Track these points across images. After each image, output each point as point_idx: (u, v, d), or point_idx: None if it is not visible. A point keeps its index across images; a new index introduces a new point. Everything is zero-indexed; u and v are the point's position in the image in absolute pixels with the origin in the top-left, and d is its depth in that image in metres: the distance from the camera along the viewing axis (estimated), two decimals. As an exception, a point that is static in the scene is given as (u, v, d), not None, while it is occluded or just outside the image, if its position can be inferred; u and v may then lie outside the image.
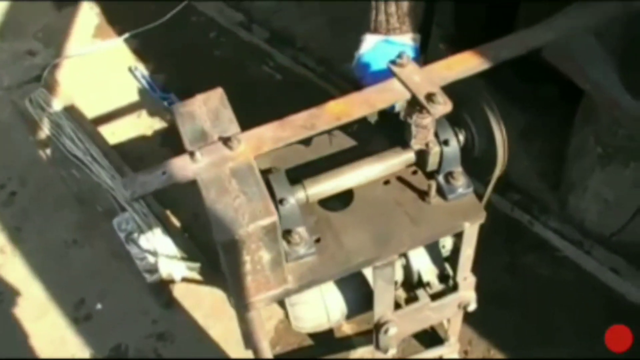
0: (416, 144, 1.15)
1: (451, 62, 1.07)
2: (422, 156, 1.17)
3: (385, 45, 1.18)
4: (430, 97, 1.01)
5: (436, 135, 1.14)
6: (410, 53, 1.18)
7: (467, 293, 1.37)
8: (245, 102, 2.13)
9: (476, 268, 1.29)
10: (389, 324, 1.30)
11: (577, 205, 1.84)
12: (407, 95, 1.03)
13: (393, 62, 1.06)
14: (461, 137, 1.17)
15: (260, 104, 2.15)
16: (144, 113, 2.26)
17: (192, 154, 0.96)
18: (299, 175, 1.15)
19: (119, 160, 2.03)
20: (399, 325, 1.32)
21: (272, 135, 0.99)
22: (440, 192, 1.17)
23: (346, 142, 1.25)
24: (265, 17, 2.49)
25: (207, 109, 1.05)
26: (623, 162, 1.60)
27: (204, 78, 2.24)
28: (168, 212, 1.93)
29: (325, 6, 2.45)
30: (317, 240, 1.13)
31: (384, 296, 1.25)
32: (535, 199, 1.92)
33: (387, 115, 1.23)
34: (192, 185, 0.97)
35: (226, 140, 0.98)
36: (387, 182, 1.21)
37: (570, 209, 1.87)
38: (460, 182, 1.17)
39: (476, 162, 1.22)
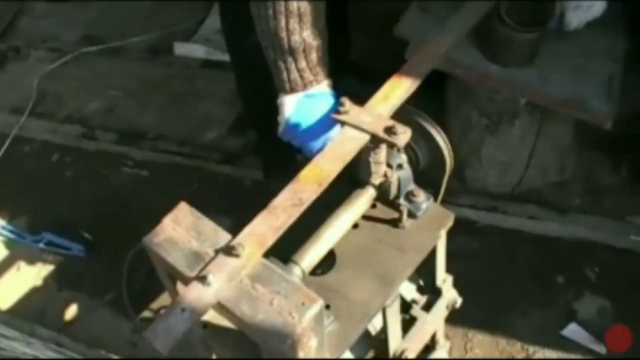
0: (376, 179, 1.17)
1: (385, 92, 1.10)
2: (382, 188, 1.19)
3: (307, 101, 1.18)
4: (389, 130, 1.04)
5: (388, 164, 1.18)
6: (331, 99, 1.20)
7: (450, 293, 1.43)
8: (124, 212, 2.06)
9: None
10: (406, 352, 1.31)
11: (475, 176, 1.98)
12: (367, 138, 1.05)
13: (337, 111, 1.07)
14: (405, 156, 1.22)
15: (143, 207, 2.06)
16: (22, 265, 2.04)
17: (202, 279, 0.90)
18: (280, 254, 1.12)
19: (24, 325, 1.82)
20: (412, 349, 1.34)
21: (268, 226, 0.96)
22: (409, 213, 1.21)
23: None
24: (102, 120, 2.38)
25: (184, 228, 0.99)
26: (509, 123, 1.76)
27: (67, 203, 2.11)
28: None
29: (162, 84, 2.40)
30: (328, 307, 1.11)
31: (395, 329, 1.26)
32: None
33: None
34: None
35: (229, 250, 0.93)
36: (355, 226, 1.22)
37: (470, 182, 2.00)
38: (421, 197, 1.21)
39: (420, 173, 1.28)
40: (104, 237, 2.01)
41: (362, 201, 1.18)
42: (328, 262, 1.18)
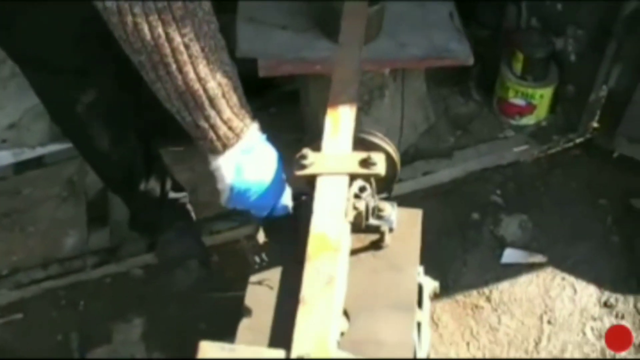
0: (351, 216, 1.07)
1: (332, 128, 1.00)
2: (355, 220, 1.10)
3: (248, 159, 1.02)
4: (365, 162, 0.95)
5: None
6: (271, 149, 1.06)
7: (429, 282, 1.40)
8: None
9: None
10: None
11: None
12: (346, 181, 0.95)
13: (300, 166, 0.95)
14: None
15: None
16: None
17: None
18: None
19: None
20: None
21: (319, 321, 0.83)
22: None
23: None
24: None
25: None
26: (379, 97, 1.75)
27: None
28: None
29: None
30: (364, 361, 1.02)
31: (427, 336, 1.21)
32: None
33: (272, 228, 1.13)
34: None
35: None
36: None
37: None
38: (388, 209, 1.14)
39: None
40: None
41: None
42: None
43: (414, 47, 1.59)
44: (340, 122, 1.00)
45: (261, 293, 1.12)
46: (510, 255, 1.86)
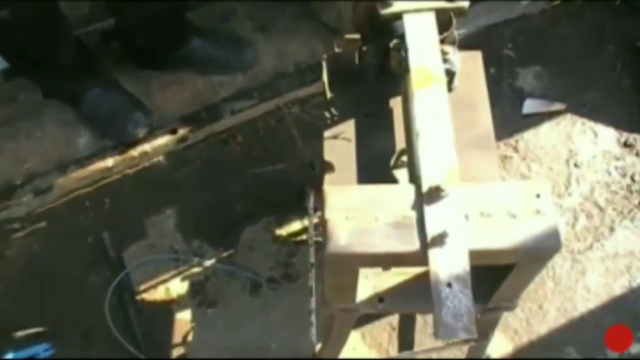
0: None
1: None
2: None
3: None
4: None
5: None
6: None
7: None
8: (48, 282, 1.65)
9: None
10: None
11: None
12: (433, 17, 0.91)
13: (383, 5, 0.90)
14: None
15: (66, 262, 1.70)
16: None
17: (438, 241, 0.75)
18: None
19: None
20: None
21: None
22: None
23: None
24: None
25: (356, 211, 0.80)
26: None
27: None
28: None
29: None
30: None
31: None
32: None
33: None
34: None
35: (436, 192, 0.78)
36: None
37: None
38: (451, 51, 1.10)
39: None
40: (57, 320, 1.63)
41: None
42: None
43: None
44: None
45: (339, 147, 1.10)
46: (530, 105, 1.87)
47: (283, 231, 1.70)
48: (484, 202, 0.80)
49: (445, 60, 1.10)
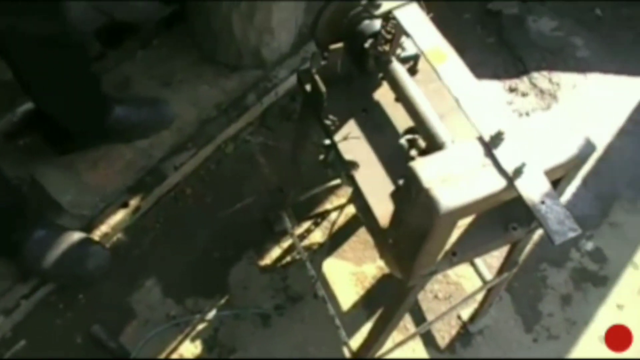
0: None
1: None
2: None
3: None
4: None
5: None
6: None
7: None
8: None
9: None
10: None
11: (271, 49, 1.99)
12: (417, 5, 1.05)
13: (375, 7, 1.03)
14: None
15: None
16: None
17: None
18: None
19: None
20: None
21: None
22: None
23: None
24: None
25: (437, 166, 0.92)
26: None
27: None
28: None
29: None
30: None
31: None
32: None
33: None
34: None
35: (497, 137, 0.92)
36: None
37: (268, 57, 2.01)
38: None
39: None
40: None
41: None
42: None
43: None
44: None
45: (352, 145, 1.20)
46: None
47: (267, 260, 1.75)
48: (534, 131, 0.96)
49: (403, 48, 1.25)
